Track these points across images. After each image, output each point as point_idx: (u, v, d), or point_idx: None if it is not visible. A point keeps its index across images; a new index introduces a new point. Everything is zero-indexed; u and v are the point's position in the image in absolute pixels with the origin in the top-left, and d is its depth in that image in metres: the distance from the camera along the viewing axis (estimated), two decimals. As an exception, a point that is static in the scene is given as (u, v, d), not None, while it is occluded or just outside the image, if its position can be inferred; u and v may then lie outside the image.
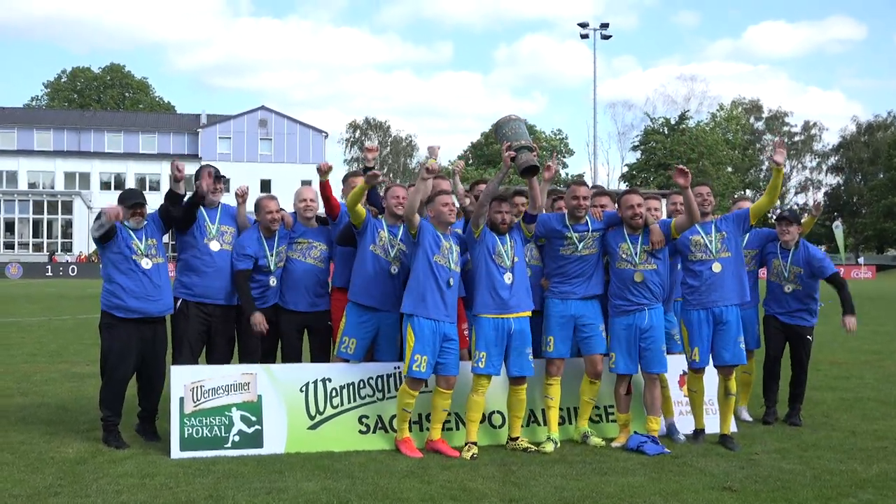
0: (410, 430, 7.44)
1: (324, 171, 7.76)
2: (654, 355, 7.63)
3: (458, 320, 7.65)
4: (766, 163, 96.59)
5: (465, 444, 7.32)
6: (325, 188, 7.87)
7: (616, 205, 8.03)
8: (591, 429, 7.86)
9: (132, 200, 7.55)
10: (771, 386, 8.88)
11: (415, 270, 7.31)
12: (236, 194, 8.32)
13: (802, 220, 8.83)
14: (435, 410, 7.39)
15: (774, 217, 8.99)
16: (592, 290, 7.75)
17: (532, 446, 7.47)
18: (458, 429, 7.65)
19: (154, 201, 7.81)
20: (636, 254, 7.62)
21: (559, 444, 7.60)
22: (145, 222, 7.61)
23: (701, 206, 7.88)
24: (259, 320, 7.71)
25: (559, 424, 7.79)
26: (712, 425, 8.08)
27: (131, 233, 7.51)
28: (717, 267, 7.83)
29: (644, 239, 7.64)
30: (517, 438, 7.54)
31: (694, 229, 7.89)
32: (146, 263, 7.47)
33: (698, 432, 7.94)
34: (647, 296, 7.60)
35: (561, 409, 7.87)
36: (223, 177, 8.19)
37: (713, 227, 7.95)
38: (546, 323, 7.76)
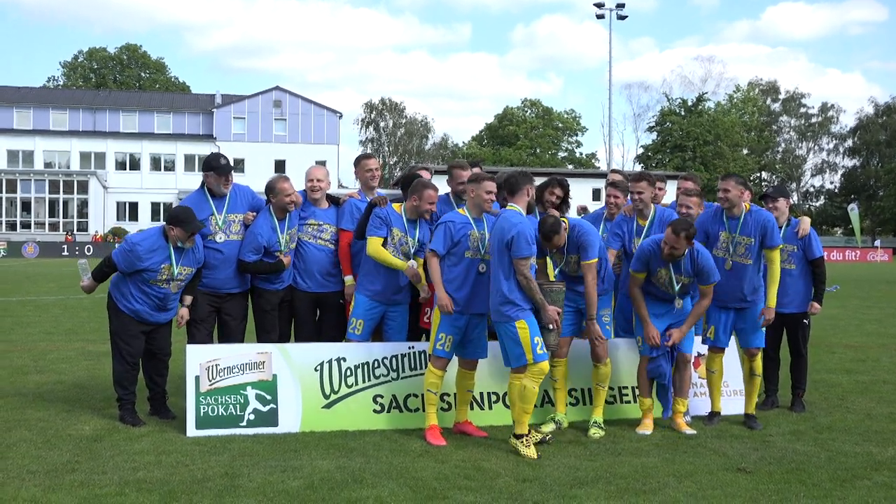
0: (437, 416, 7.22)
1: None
2: (686, 337, 7.58)
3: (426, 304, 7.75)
4: (782, 145, 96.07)
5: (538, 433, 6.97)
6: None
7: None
8: (600, 419, 7.60)
9: (193, 228, 7.32)
10: (771, 372, 8.68)
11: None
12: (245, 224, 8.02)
13: None
14: (458, 391, 7.35)
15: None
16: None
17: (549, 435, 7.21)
18: (469, 409, 7.67)
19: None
20: (675, 283, 7.47)
21: (564, 426, 7.61)
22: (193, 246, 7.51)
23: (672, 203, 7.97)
24: (288, 260, 7.91)
25: (573, 405, 7.82)
26: (728, 408, 8.09)
27: (172, 255, 7.35)
28: (728, 266, 7.77)
29: (685, 270, 7.40)
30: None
31: (722, 226, 7.83)
32: (172, 287, 7.45)
33: (713, 414, 7.93)
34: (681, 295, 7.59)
35: (575, 389, 7.90)
36: (230, 169, 8.06)
37: (739, 226, 7.76)
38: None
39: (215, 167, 7.87)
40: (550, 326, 6.82)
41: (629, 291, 7.70)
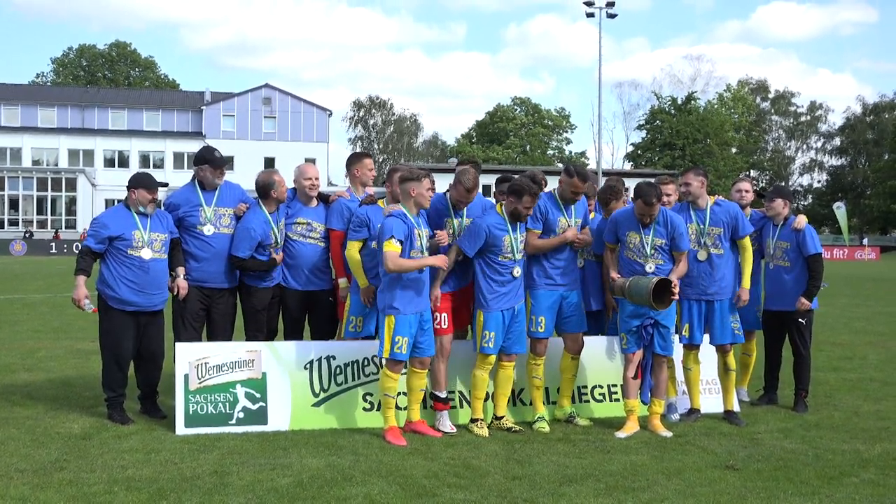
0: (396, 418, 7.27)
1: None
2: (665, 338, 7.52)
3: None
4: (771, 144, 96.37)
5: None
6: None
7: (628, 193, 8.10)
8: (574, 409, 7.84)
9: (155, 185, 7.52)
10: (771, 370, 8.71)
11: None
12: (236, 216, 7.99)
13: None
14: (412, 392, 7.29)
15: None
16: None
17: (517, 426, 7.47)
18: (461, 406, 7.69)
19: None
20: (647, 246, 7.47)
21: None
22: (156, 212, 7.55)
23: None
24: (281, 257, 7.89)
25: (546, 403, 7.84)
26: (715, 406, 8.12)
27: (137, 221, 7.44)
28: (700, 257, 7.82)
29: (657, 231, 7.44)
30: (502, 417, 7.55)
31: (689, 218, 7.88)
32: (146, 254, 7.40)
33: (692, 411, 7.97)
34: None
35: (546, 387, 7.89)
36: (226, 162, 8.06)
37: (707, 217, 7.86)
38: (536, 304, 7.61)
39: (210, 160, 7.87)
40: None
41: (603, 258, 7.88)
